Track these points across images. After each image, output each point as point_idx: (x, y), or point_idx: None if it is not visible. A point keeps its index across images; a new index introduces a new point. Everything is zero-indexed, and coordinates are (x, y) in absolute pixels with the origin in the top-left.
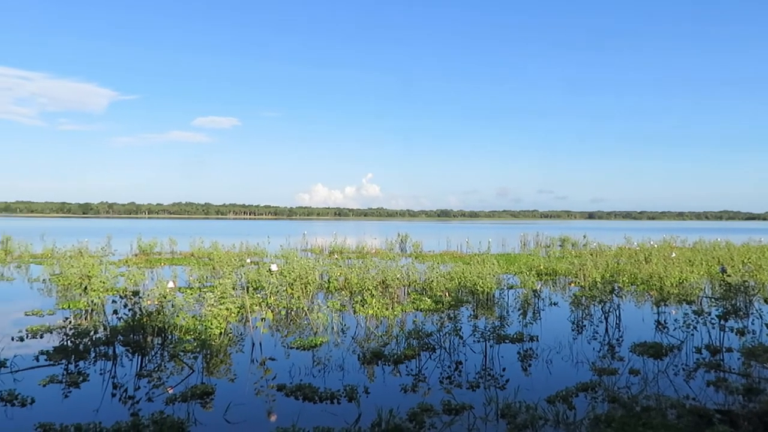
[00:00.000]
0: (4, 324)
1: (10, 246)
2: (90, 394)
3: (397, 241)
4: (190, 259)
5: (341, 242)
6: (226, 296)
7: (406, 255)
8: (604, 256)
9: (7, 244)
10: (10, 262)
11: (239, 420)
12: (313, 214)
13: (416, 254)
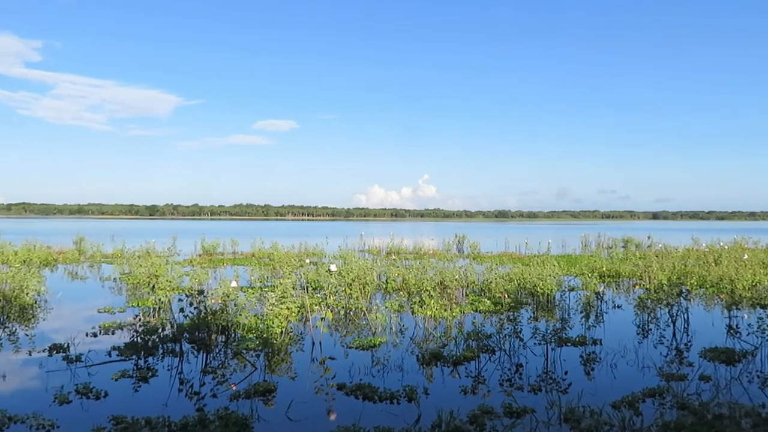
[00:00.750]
0: (78, 320)
1: (84, 246)
2: (158, 389)
3: (455, 242)
4: (251, 260)
5: (398, 243)
6: (286, 296)
7: (464, 256)
8: (670, 257)
9: (80, 244)
10: (84, 262)
11: (301, 418)
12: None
13: (474, 255)
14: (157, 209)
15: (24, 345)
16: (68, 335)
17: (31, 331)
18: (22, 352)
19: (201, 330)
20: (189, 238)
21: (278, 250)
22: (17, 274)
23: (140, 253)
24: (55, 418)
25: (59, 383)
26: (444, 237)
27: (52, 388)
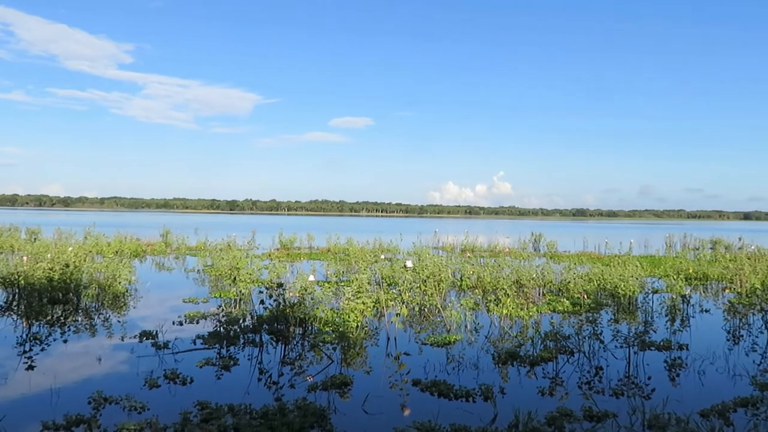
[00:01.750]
0: (165, 309)
1: (170, 239)
2: (239, 377)
3: (531, 240)
4: (326, 254)
5: (473, 240)
6: (362, 291)
7: (540, 255)
8: (764, 260)
9: (166, 237)
10: (170, 254)
11: (377, 412)
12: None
13: (551, 254)
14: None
15: (116, 331)
16: (156, 323)
17: (123, 318)
18: (115, 338)
19: (280, 322)
20: (267, 233)
21: (353, 245)
22: (110, 264)
23: (222, 246)
24: (145, 401)
25: (149, 368)
26: (519, 235)
27: (142, 373)
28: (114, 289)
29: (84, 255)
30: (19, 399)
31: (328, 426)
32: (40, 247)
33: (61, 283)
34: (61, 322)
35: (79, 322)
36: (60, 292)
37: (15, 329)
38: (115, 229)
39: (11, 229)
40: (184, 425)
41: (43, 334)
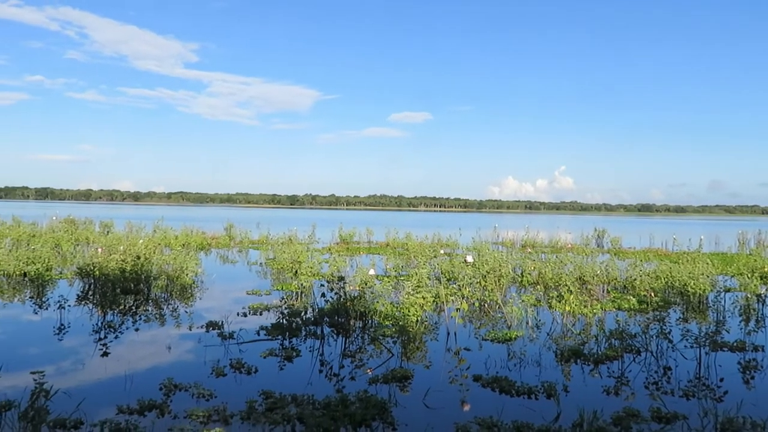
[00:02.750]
0: (230, 301)
1: (233, 233)
2: (301, 368)
3: (593, 236)
4: (385, 249)
5: (533, 236)
6: (421, 285)
7: (603, 251)
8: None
9: (230, 231)
10: (233, 247)
11: (437, 406)
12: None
13: (615, 250)
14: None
15: (184, 321)
16: (222, 314)
17: (190, 308)
18: (183, 327)
19: (340, 315)
20: (326, 227)
21: (412, 240)
22: (178, 256)
23: (283, 240)
24: (213, 389)
25: (215, 357)
26: (582, 231)
27: (209, 361)
28: (182, 280)
29: (153, 247)
30: (95, 383)
31: (389, 419)
32: (113, 240)
33: (132, 274)
34: (133, 311)
35: (149, 312)
36: (132, 282)
37: (91, 318)
38: (181, 223)
39: (86, 223)
40: (249, 413)
41: (117, 323)
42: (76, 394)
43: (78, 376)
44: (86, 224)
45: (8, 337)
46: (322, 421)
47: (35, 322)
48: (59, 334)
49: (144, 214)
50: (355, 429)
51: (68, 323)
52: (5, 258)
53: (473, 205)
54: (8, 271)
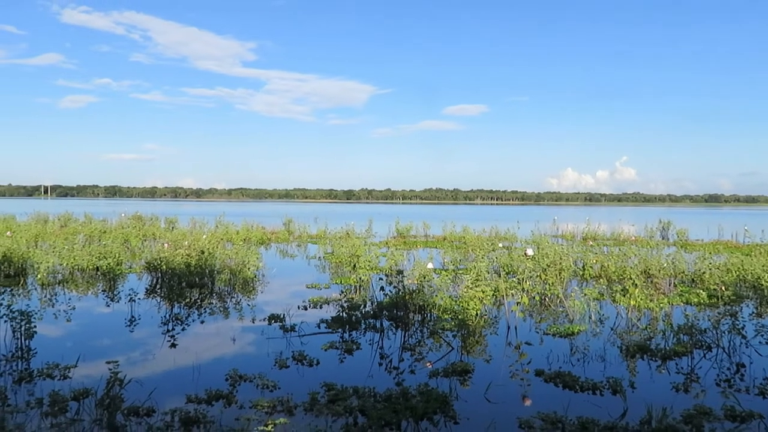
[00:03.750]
0: (290, 294)
1: (292, 227)
2: (361, 361)
3: (658, 228)
4: (442, 242)
5: (594, 228)
6: (480, 279)
7: (669, 243)
8: None
9: (289, 225)
10: (292, 241)
11: (499, 400)
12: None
13: (681, 243)
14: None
15: (247, 314)
16: (283, 307)
17: (252, 301)
18: (246, 320)
19: (399, 308)
20: (383, 221)
21: (469, 233)
22: (240, 251)
23: (341, 234)
24: (276, 380)
25: (278, 349)
26: (645, 223)
27: (272, 353)
28: (244, 274)
29: (216, 242)
30: (165, 373)
31: (451, 413)
32: (178, 235)
33: (197, 269)
34: (198, 304)
35: (213, 305)
36: (196, 276)
37: (159, 310)
38: (241, 218)
39: (152, 219)
40: (312, 405)
41: (183, 315)
42: (148, 383)
43: (148, 366)
44: (152, 220)
45: (84, 328)
46: (384, 414)
47: (108, 314)
48: (130, 325)
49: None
50: (416, 422)
51: (138, 315)
52: (79, 253)
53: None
54: (82, 265)
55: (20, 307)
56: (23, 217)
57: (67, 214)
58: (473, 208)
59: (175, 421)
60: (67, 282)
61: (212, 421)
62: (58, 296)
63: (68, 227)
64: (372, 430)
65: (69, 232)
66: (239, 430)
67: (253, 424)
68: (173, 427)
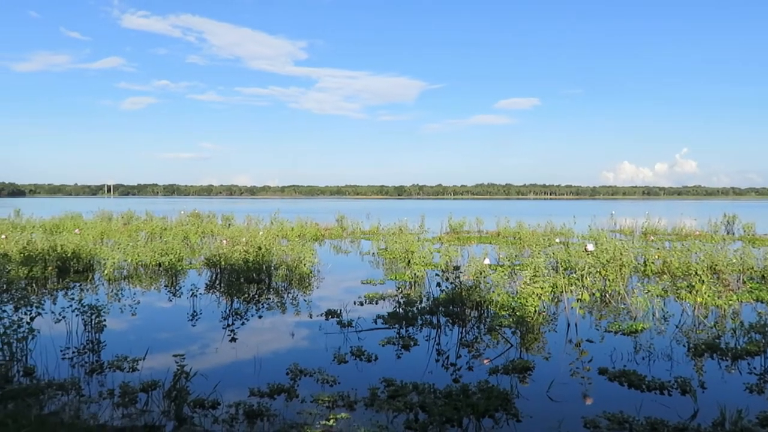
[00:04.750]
0: (346, 290)
1: (345, 223)
2: (419, 357)
3: (723, 222)
4: (496, 238)
5: (654, 223)
6: (538, 275)
7: (735, 238)
8: None
9: (342, 222)
10: (346, 237)
11: (561, 399)
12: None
13: (749, 237)
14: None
15: (303, 309)
16: (339, 302)
17: (309, 297)
18: (303, 315)
19: (455, 304)
20: (435, 217)
21: (524, 228)
22: (295, 247)
23: (394, 230)
24: (336, 375)
25: (336, 344)
26: (709, 217)
27: (330, 348)
28: (300, 270)
29: (272, 239)
30: (227, 366)
31: (512, 410)
32: (235, 232)
33: (255, 265)
34: (256, 299)
35: (271, 300)
36: (254, 272)
37: (218, 305)
38: (295, 214)
39: (210, 216)
40: (373, 400)
41: (242, 310)
42: (211, 376)
43: (211, 360)
44: (210, 218)
45: (148, 322)
46: (445, 410)
47: (171, 309)
48: (192, 320)
49: (260, 207)
50: (478, 419)
51: (200, 310)
52: (142, 250)
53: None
54: (145, 261)
55: (90, 302)
56: (89, 215)
57: (129, 212)
58: (526, 203)
59: (239, 413)
60: (131, 277)
61: (275, 414)
62: (123, 291)
63: (131, 225)
64: (433, 426)
65: (132, 230)
66: (302, 424)
67: (316, 419)
68: (238, 420)
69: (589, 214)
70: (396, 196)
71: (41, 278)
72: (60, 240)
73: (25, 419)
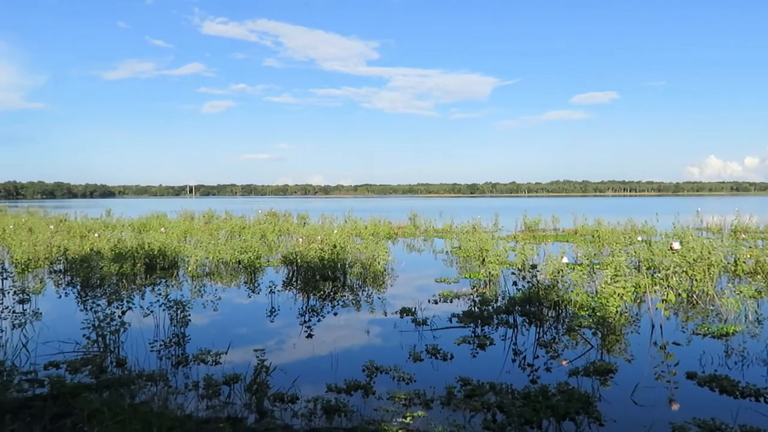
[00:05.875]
0: (420, 288)
1: (417, 222)
2: (495, 357)
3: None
4: (573, 236)
5: (745, 220)
6: (619, 274)
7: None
8: None
9: (414, 220)
10: (419, 236)
11: (646, 403)
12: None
13: None
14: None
15: (378, 306)
16: (413, 300)
17: (383, 294)
18: (377, 313)
19: (532, 304)
20: (509, 215)
21: (603, 226)
22: (369, 245)
23: (467, 228)
24: (411, 373)
25: (411, 342)
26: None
27: (405, 346)
28: (374, 268)
29: (346, 237)
30: (305, 362)
31: (594, 413)
32: (311, 230)
33: (330, 262)
34: (331, 296)
35: (346, 297)
36: (329, 270)
37: (295, 302)
38: (368, 213)
39: (286, 215)
40: (449, 399)
41: (318, 307)
42: (290, 371)
43: (289, 355)
44: (286, 216)
45: (230, 317)
46: (524, 412)
47: (250, 305)
48: (270, 316)
49: (333, 206)
50: (558, 422)
51: (277, 306)
52: (223, 248)
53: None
54: (225, 259)
55: (175, 297)
56: (173, 214)
57: (210, 212)
58: (605, 200)
59: (317, 408)
60: (213, 274)
61: (352, 410)
62: (205, 287)
63: (212, 224)
64: (512, 427)
65: (213, 228)
66: (379, 420)
67: (392, 416)
68: (316, 415)
69: (673, 211)
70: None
71: (130, 274)
72: (147, 238)
73: (119, 408)
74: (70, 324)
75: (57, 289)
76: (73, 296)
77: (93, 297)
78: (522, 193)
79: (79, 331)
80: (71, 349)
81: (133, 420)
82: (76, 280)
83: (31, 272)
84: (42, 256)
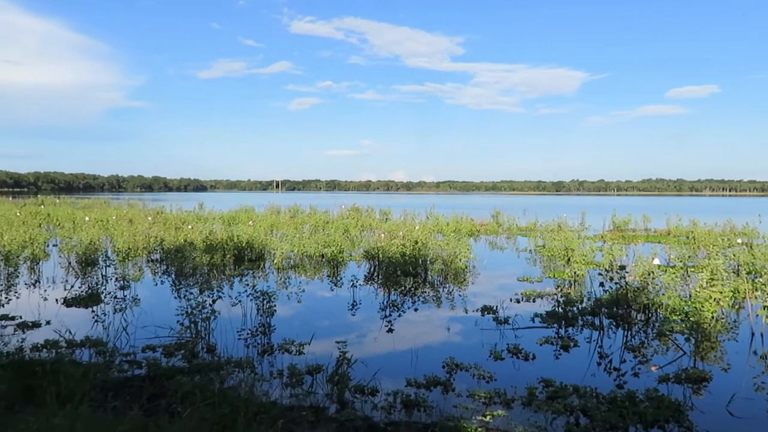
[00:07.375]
0: (501, 287)
1: (500, 219)
2: (579, 359)
3: None
4: (666, 237)
5: None
6: (716, 278)
7: None
8: None
9: (497, 218)
10: (501, 234)
11: (744, 415)
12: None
13: None
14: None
15: (458, 304)
16: (494, 299)
17: (464, 292)
18: (458, 310)
19: (620, 306)
20: (596, 214)
21: (699, 227)
22: (451, 242)
23: (552, 227)
24: (492, 372)
25: (491, 341)
26: None
27: (486, 344)
28: (455, 265)
29: (428, 234)
30: (385, 356)
31: (686, 423)
32: (392, 226)
33: (411, 258)
34: (412, 292)
35: (427, 294)
36: (410, 266)
37: (376, 296)
38: (450, 210)
39: (368, 211)
40: (530, 400)
41: (399, 302)
42: (370, 364)
43: (370, 348)
44: (368, 212)
45: (313, 309)
46: (609, 417)
47: (332, 298)
48: (352, 309)
49: (415, 203)
50: (645, 429)
51: (359, 300)
52: (307, 241)
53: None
54: (310, 252)
55: (261, 288)
56: (260, 208)
57: (295, 206)
58: (701, 199)
59: (397, 402)
60: (297, 267)
61: (432, 406)
62: (290, 279)
63: (297, 218)
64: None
65: (297, 222)
66: (458, 417)
67: (472, 414)
68: (395, 408)
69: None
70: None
71: (220, 265)
72: (236, 231)
73: (209, 391)
74: (165, 310)
75: (154, 277)
76: (168, 284)
77: (186, 285)
78: (611, 192)
79: (173, 318)
80: (166, 333)
81: (222, 403)
82: (171, 269)
83: (131, 260)
84: (141, 245)
